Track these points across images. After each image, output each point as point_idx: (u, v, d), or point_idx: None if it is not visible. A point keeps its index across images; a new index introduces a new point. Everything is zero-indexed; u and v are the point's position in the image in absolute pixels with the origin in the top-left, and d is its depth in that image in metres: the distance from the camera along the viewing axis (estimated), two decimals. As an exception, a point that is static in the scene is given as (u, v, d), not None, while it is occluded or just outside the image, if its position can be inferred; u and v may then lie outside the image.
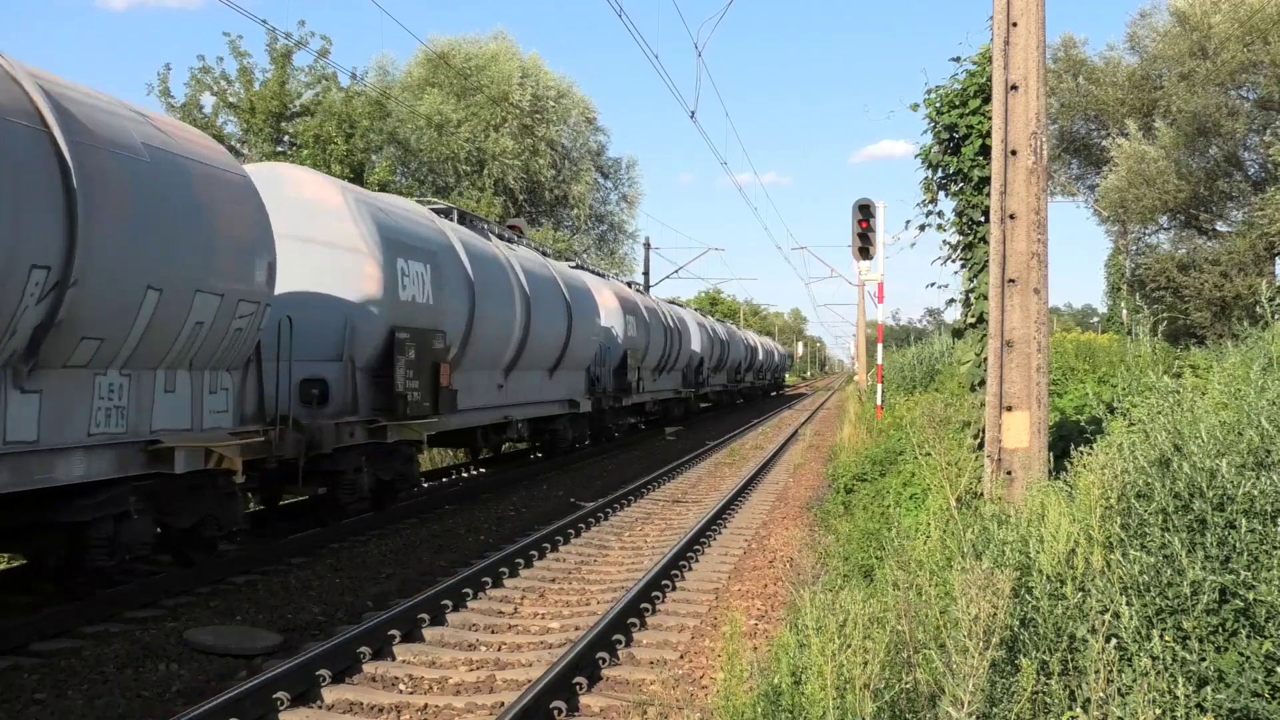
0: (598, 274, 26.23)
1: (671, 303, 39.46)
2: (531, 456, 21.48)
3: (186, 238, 8.36)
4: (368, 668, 7.07)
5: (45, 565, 8.26)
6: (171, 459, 8.36)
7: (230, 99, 25.87)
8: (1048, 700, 3.66)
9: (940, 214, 10.21)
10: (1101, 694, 3.38)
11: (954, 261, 10.22)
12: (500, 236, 18.04)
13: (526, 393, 17.65)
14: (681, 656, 7.46)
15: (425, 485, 16.44)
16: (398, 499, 13.39)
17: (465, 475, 18.79)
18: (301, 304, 11.04)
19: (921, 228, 10.32)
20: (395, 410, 11.78)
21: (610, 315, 23.90)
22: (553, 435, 20.17)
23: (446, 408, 13.12)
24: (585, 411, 21.26)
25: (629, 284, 30.15)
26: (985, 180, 9.29)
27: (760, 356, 56.42)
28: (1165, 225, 28.31)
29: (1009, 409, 6.94)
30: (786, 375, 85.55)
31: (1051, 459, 6.95)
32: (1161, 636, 3.54)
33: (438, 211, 15.50)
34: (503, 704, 6.22)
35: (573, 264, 25.20)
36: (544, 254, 21.10)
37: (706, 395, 41.18)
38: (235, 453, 9.20)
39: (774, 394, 70.21)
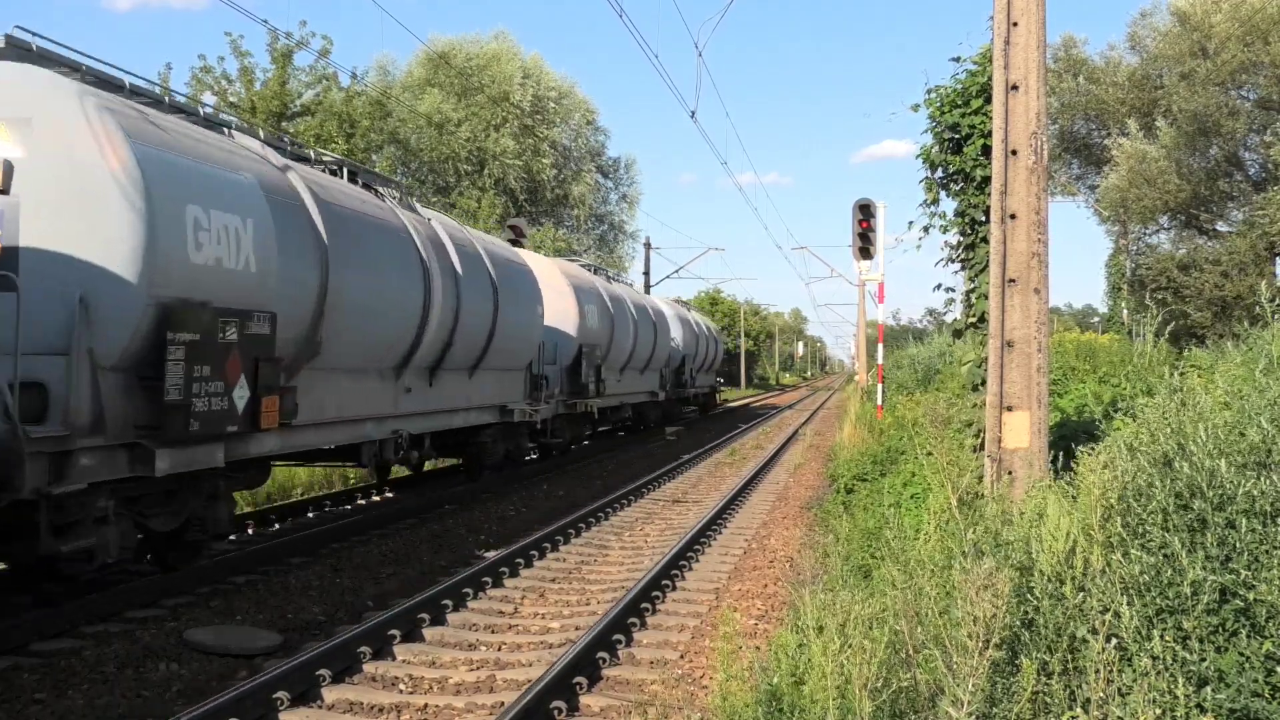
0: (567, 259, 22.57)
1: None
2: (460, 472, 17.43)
3: None
4: (368, 667, 7.07)
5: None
6: None
7: (231, 98, 25.90)
8: (1048, 700, 3.65)
9: (942, 214, 10.21)
10: (1101, 694, 3.38)
11: (955, 262, 10.23)
12: (403, 201, 13.58)
13: (434, 398, 13.60)
14: (682, 656, 7.46)
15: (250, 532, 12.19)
16: (199, 552, 9.50)
17: (300, 517, 13.50)
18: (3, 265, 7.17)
19: (925, 229, 10.31)
20: (167, 428, 7.81)
21: (559, 302, 19.66)
22: (479, 449, 16.07)
23: (273, 421, 9.15)
24: (523, 420, 16.99)
25: (594, 268, 25.18)
26: (988, 180, 9.29)
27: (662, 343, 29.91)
28: (1166, 225, 28.30)
29: (1009, 409, 6.94)
30: (720, 379, 49.59)
31: (1060, 458, 6.95)
32: (1161, 636, 3.53)
33: (298, 157, 11.31)
34: (503, 704, 6.22)
35: (509, 238, 21.01)
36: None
37: (690, 398, 36.41)
38: None
39: (698, 412, 39.59)
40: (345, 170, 12.42)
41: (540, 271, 18.65)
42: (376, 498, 15.44)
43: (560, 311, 19.70)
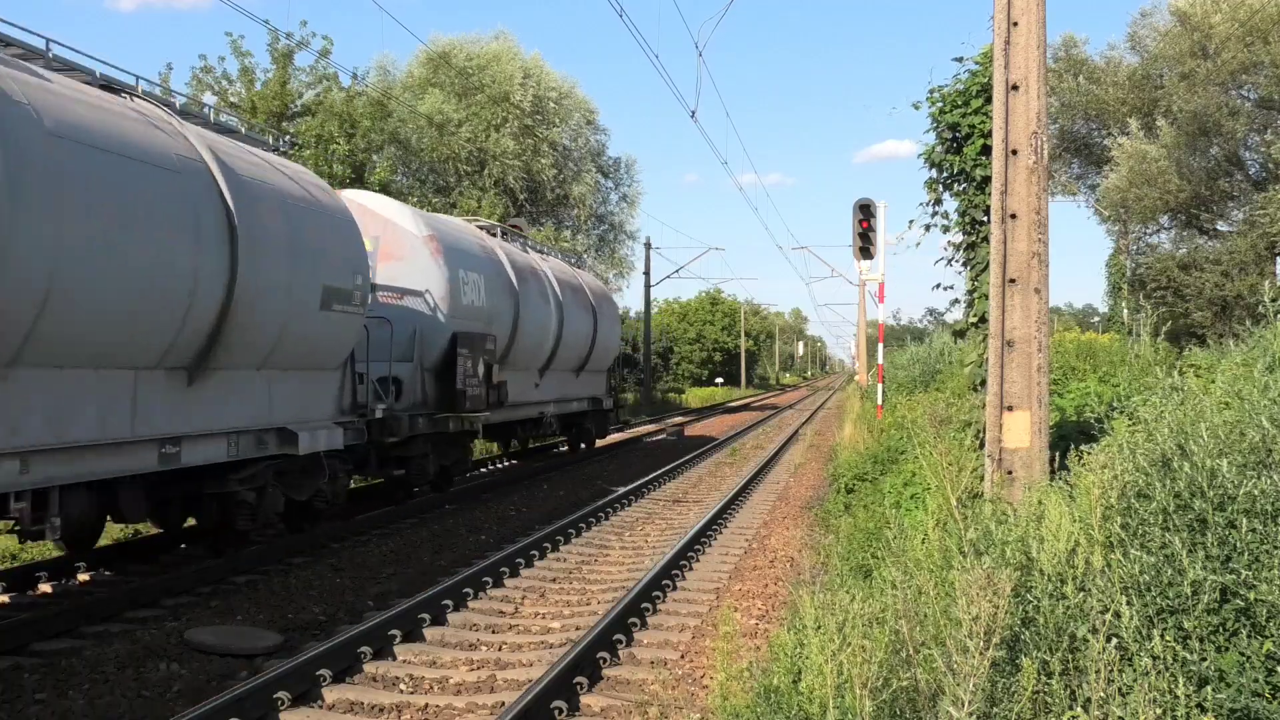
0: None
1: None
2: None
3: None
4: (368, 667, 7.07)
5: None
6: None
7: (231, 99, 25.89)
8: (1048, 700, 3.65)
9: (945, 214, 10.21)
10: (1102, 694, 3.38)
11: (958, 263, 10.23)
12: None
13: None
14: (682, 656, 7.45)
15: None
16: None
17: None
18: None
19: (926, 228, 10.31)
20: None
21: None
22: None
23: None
24: None
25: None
26: (988, 179, 9.29)
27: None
28: (1166, 225, 28.26)
29: (1010, 409, 6.93)
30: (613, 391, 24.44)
31: (1056, 458, 6.94)
32: (1162, 636, 3.53)
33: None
34: (503, 704, 6.22)
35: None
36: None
37: (500, 427, 18.11)
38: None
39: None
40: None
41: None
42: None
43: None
